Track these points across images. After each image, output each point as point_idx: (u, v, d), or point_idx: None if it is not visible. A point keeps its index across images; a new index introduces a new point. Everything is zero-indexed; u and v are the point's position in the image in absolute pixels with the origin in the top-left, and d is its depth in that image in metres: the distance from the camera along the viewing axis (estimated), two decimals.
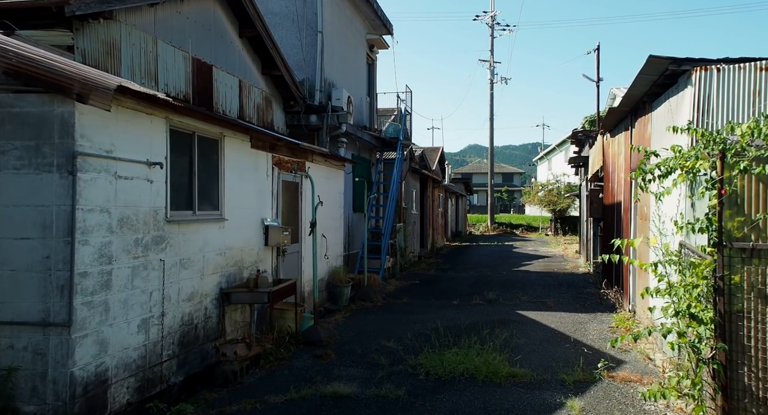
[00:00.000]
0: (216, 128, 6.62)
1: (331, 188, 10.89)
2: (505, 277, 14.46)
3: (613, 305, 9.69)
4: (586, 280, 13.52)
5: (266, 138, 7.85)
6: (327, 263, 10.62)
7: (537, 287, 12.65)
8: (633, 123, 8.85)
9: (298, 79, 12.31)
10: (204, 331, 6.31)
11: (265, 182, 8.02)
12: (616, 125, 10.42)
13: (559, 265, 17.15)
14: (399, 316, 9.49)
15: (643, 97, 7.72)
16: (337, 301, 10.61)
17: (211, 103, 8.48)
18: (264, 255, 7.94)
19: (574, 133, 16.53)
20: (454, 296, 11.41)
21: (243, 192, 7.34)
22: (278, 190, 8.49)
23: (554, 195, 36.13)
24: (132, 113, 5.10)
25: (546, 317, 9.18)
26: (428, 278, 14.54)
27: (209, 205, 6.58)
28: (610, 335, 7.88)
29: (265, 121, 10.63)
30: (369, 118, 16.53)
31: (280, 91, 11.25)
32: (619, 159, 10.15)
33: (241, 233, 7.23)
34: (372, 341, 7.70)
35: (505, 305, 10.43)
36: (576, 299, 10.95)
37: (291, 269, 9.03)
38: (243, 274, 7.25)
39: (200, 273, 6.24)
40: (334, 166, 11.06)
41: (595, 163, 13.64)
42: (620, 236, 9.88)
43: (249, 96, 9.87)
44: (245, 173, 7.41)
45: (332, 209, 10.95)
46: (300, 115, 11.80)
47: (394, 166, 15.06)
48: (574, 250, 21.74)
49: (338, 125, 11.95)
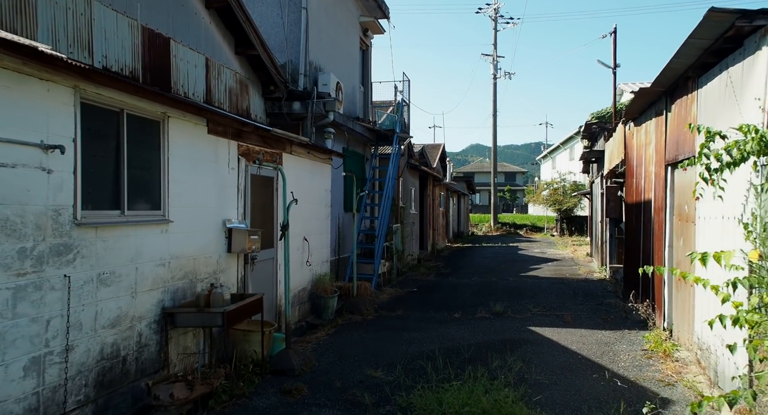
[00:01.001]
0: (156, 106, 5.25)
1: (315, 185, 9.52)
2: (513, 284, 13.07)
3: (643, 320, 8.29)
4: (604, 288, 12.12)
5: (228, 122, 6.47)
6: (310, 270, 9.25)
7: (549, 296, 11.26)
8: (669, 106, 7.47)
9: (280, 62, 10.94)
10: (137, 364, 4.94)
11: (228, 176, 6.65)
12: (644, 111, 9.03)
13: (571, 269, 15.75)
14: (391, 333, 8.11)
15: (687, 71, 6.33)
16: (321, 314, 9.24)
17: (168, 82, 7.11)
18: (227, 264, 6.57)
19: (587, 126, 15.13)
20: (456, 308, 10.03)
21: (197, 187, 5.97)
22: (246, 185, 7.12)
23: (560, 194, 34.73)
24: (14, 77, 3.72)
25: (564, 336, 7.80)
26: (427, 284, 13.16)
27: (146, 203, 5.21)
28: (646, 361, 6.49)
29: (239, 107, 9.27)
30: (363, 109, 15.15)
31: (258, 75, 9.88)
32: (648, 150, 8.76)
33: (193, 238, 5.86)
34: (356, 369, 6.32)
35: (515, 319, 9.04)
36: (596, 311, 9.55)
37: (263, 279, 7.66)
38: (197, 288, 5.88)
39: (131, 290, 4.86)
40: (319, 159, 9.68)
41: (613, 157, 12.25)
42: (649, 239, 8.49)
43: (219, 78, 8.51)
44: (200, 164, 6.04)
45: (316, 208, 9.58)
46: (282, 103, 10.42)
47: (390, 161, 13.68)
48: (584, 252, 20.34)
49: (325, 114, 10.56)
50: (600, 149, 14.63)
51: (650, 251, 8.41)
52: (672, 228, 7.43)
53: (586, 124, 15.31)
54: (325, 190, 10.10)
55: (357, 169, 13.53)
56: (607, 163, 13.20)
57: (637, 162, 9.66)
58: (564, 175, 36.11)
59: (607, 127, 14.04)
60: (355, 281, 10.07)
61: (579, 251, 21.60)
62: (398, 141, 14.29)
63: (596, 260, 16.50)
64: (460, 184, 34.47)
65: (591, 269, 15.67)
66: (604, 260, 14.75)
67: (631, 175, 10.23)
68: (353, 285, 10.03)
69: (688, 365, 6.15)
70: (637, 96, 8.11)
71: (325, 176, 10.13)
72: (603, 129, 14.12)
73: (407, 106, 15.38)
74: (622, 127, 10.66)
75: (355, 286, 10.02)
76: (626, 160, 10.53)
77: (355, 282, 10.05)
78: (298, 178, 8.79)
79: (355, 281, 10.08)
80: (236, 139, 6.83)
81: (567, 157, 44.69)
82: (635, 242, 9.68)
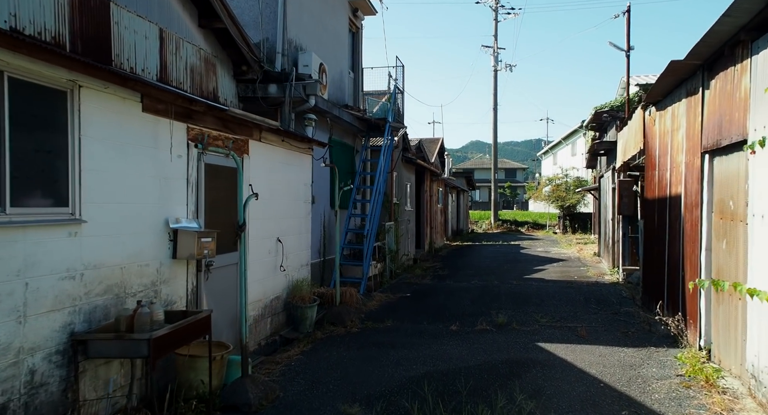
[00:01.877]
0: (59, 71, 4.03)
1: (291, 178, 8.31)
2: (516, 288, 11.86)
3: (673, 336, 7.09)
4: (619, 293, 10.91)
5: (170, 98, 5.24)
6: (285, 276, 8.05)
7: (558, 303, 10.05)
8: (706, 81, 6.25)
9: (255, 40, 9.72)
10: (28, 411, 3.73)
11: (174, 165, 5.43)
12: (669, 92, 7.81)
13: (579, 271, 14.54)
14: (376, 351, 6.91)
15: (738, 34, 5.11)
16: (298, 326, 8.03)
17: (107, 54, 5.89)
18: (171, 273, 5.36)
19: (597, 115, 13.90)
20: (453, 317, 8.83)
21: (126, 179, 4.76)
22: (199, 177, 5.91)
23: (562, 190, 33.53)
24: None
25: (580, 355, 6.59)
26: (422, 289, 11.95)
27: (45, 198, 4.00)
28: (685, 392, 5.28)
29: (205, 89, 8.05)
30: (353, 97, 13.93)
31: (229, 53, 8.67)
32: (675, 137, 7.54)
33: (120, 242, 4.65)
34: (327, 404, 5.12)
35: (521, 332, 7.84)
36: (613, 323, 8.35)
37: (224, 289, 6.46)
38: (126, 304, 4.67)
39: (15, 314, 3.65)
40: (296, 149, 8.47)
41: (628, 147, 11.03)
42: (677, 240, 7.28)
43: (177, 53, 7.29)
44: (131, 150, 4.83)
45: (293, 204, 8.37)
46: (256, 86, 9.21)
47: (382, 153, 12.46)
48: (591, 251, 19.14)
49: (305, 98, 9.35)
50: (611, 140, 13.42)
51: (679, 255, 7.20)
52: (711, 228, 6.22)
53: (596, 113, 14.09)
54: (305, 184, 8.88)
55: (346, 161, 12.33)
56: (621, 155, 11.99)
57: (660, 151, 8.45)
58: (567, 171, 34.91)
59: (619, 116, 12.83)
60: (337, 288, 8.86)
61: (585, 250, 20.39)
62: (391, 132, 13.07)
63: (606, 261, 15.29)
64: (460, 180, 33.25)
65: (601, 270, 14.46)
66: (615, 261, 13.54)
67: (652, 166, 9.01)
68: (336, 292, 8.82)
69: (739, 399, 4.95)
70: (666, 73, 6.88)
71: (305, 168, 8.91)
72: (615, 118, 12.90)
73: (401, 94, 14.14)
74: (640, 112, 9.44)
75: (338, 293, 8.81)
76: (646, 150, 9.31)
77: (338, 288, 8.84)
78: (269, 169, 7.58)
79: (337, 287, 8.87)
80: (184, 121, 5.61)
81: (569, 152, 43.50)
82: (658, 242, 8.48)
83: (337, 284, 8.90)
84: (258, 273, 7.26)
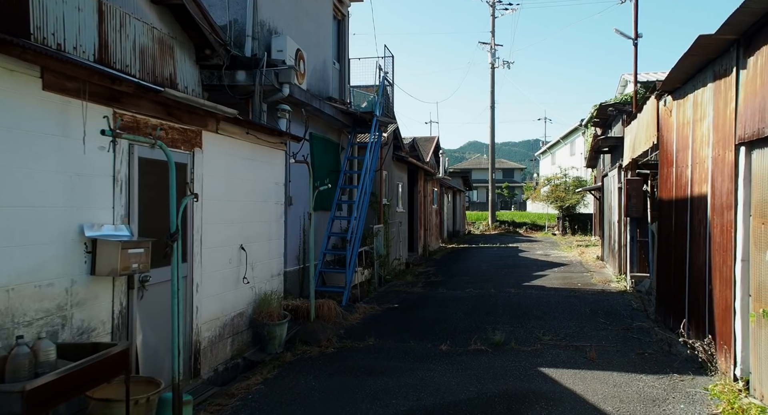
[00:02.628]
0: None
1: (258, 176, 7.27)
2: (515, 297, 10.83)
3: (699, 360, 6.06)
4: (628, 304, 9.87)
5: (84, 74, 4.18)
6: (250, 289, 7.01)
7: (561, 316, 9.02)
8: (742, 60, 5.23)
9: (222, 21, 8.70)
10: None
11: (93, 159, 4.39)
12: (691, 78, 6.80)
13: (582, 277, 13.51)
14: (352, 379, 5.87)
15: None
16: (265, 346, 7.00)
17: (24, 27, 4.87)
18: (89, 293, 4.32)
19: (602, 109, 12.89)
20: (444, 335, 7.80)
21: (15, 174, 3.72)
22: (132, 174, 4.87)
23: (561, 190, 32.55)
24: None
25: (592, 385, 5.56)
26: (412, 298, 10.91)
27: None
28: None
29: (159, 74, 7.03)
30: (339, 90, 12.90)
31: (190, 35, 7.65)
32: (699, 128, 6.53)
33: (3, 256, 3.61)
34: None
35: (521, 353, 6.81)
36: (626, 341, 7.32)
37: (166, 309, 5.38)
38: (13, 340, 3.63)
39: None
40: (265, 143, 7.43)
41: (637, 143, 10.02)
42: (702, 247, 6.26)
43: (122, 31, 6.26)
44: (24, 138, 3.78)
45: (260, 206, 7.34)
46: (222, 73, 8.18)
47: (368, 150, 11.43)
48: (593, 255, 18.12)
49: (278, 87, 8.31)
50: (617, 136, 12.41)
51: (704, 264, 6.18)
52: (748, 234, 5.20)
53: (601, 107, 13.08)
54: (276, 183, 7.84)
55: (329, 159, 11.30)
56: (628, 152, 10.98)
57: (678, 146, 7.43)
58: (566, 170, 33.94)
59: (626, 110, 11.81)
60: (312, 301, 7.81)
61: (587, 253, 19.37)
62: (379, 127, 12.05)
63: (611, 266, 14.28)
64: (456, 179, 32.22)
65: (606, 276, 13.43)
66: (622, 267, 12.53)
67: (668, 163, 8.00)
68: (311, 305, 7.78)
69: None
70: (690, 52, 5.86)
71: (276, 166, 7.87)
72: (621, 112, 11.89)
73: (390, 87, 13.11)
74: (654, 102, 8.42)
75: (313, 307, 7.77)
76: (660, 145, 8.29)
77: (312, 302, 7.80)
78: (230, 166, 6.55)
79: (312, 300, 7.83)
80: (109, 105, 4.57)
81: (567, 152, 42.59)
82: (676, 249, 7.46)
83: (312, 296, 7.86)
84: (215, 287, 6.23)
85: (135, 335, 4.84)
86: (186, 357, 5.68)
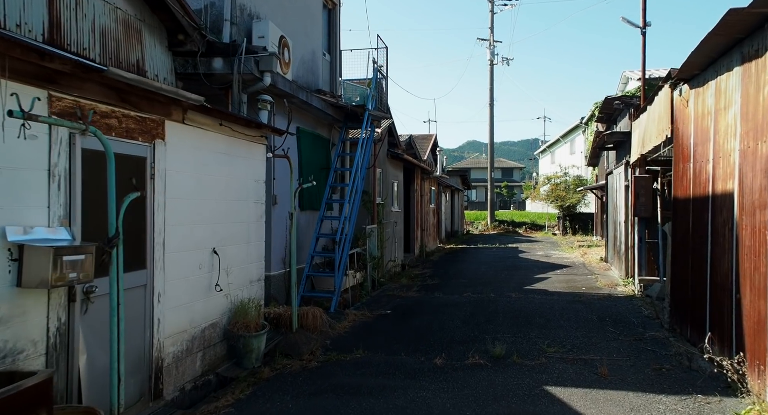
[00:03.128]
0: None
1: (234, 172, 6.59)
2: (516, 303, 10.16)
3: (726, 379, 5.38)
4: (639, 311, 9.19)
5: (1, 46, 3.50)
6: (225, 297, 6.33)
7: (567, 324, 8.35)
8: None
9: (198, 5, 8.04)
10: None
11: (21, 150, 3.71)
12: (714, 62, 6.13)
13: (586, 280, 12.84)
14: (333, 401, 5.19)
15: None
16: (241, 360, 6.31)
17: None
18: (14, 309, 3.63)
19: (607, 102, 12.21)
20: (439, 345, 7.13)
21: None
22: (73, 168, 4.18)
23: (562, 189, 31.88)
24: None
25: (606, 408, 4.89)
26: (406, 304, 10.23)
27: None
28: None
29: (125, 60, 6.36)
30: (330, 82, 12.22)
31: (161, 18, 6.99)
32: (723, 118, 5.86)
33: None
34: None
35: (524, 368, 6.13)
36: (640, 354, 6.65)
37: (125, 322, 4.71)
38: None
39: None
40: (243, 136, 6.76)
41: (647, 137, 9.34)
42: (727, 252, 5.59)
43: (79, 10, 5.60)
44: None
45: (236, 206, 6.66)
46: (198, 60, 7.50)
47: (360, 146, 10.75)
48: (596, 256, 17.45)
49: (258, 76, 7.63)
50: (623, 131, 11.73)
51: (731, 270, 5.52)
52: None
53: (606, 101, 12.40)
54: (256, 180, 7.16)
55: (318, 155, 10.63)
56: (637, 147, 10.31)
57: (697, 139, 6.76)
58: (566, 169, 33.28)
59: (633, 104, 11.14)
60: (295, 308, 7.13)
61: (590, 254, 18.70)
62: (372, 122, 11.37)
63: (617, 269, 13.61)
64: (454, 178, 31.56)
65: (612, 280, 12.75)
66: (629, 270, 11.86)
67: (684, 158, 7.32)
68: (293, 314, 7.10)
69: None
70: (716, 32, 5.19)
71: (256, 161, 7.19)
72: (628, 105, 11.22)
73: (384, 80, 12.43)
74: (668, 92, 7.75)
75: (295, 315, 7.09)
76: (675, 138, 7.62)
77: (294, 310, 7.12)
78: (199, 160, 5.87)
79: (295, 307, 7.14)
80: (42, 86, 3.88)
81: (567, 150, 41.91)
82: (695, 252, 6.79)
83: (294, 303, 7.18)
84: (181, 296, 5.55)
85: (77, 355, 4.15)
86: (144, 377, 5.00)
